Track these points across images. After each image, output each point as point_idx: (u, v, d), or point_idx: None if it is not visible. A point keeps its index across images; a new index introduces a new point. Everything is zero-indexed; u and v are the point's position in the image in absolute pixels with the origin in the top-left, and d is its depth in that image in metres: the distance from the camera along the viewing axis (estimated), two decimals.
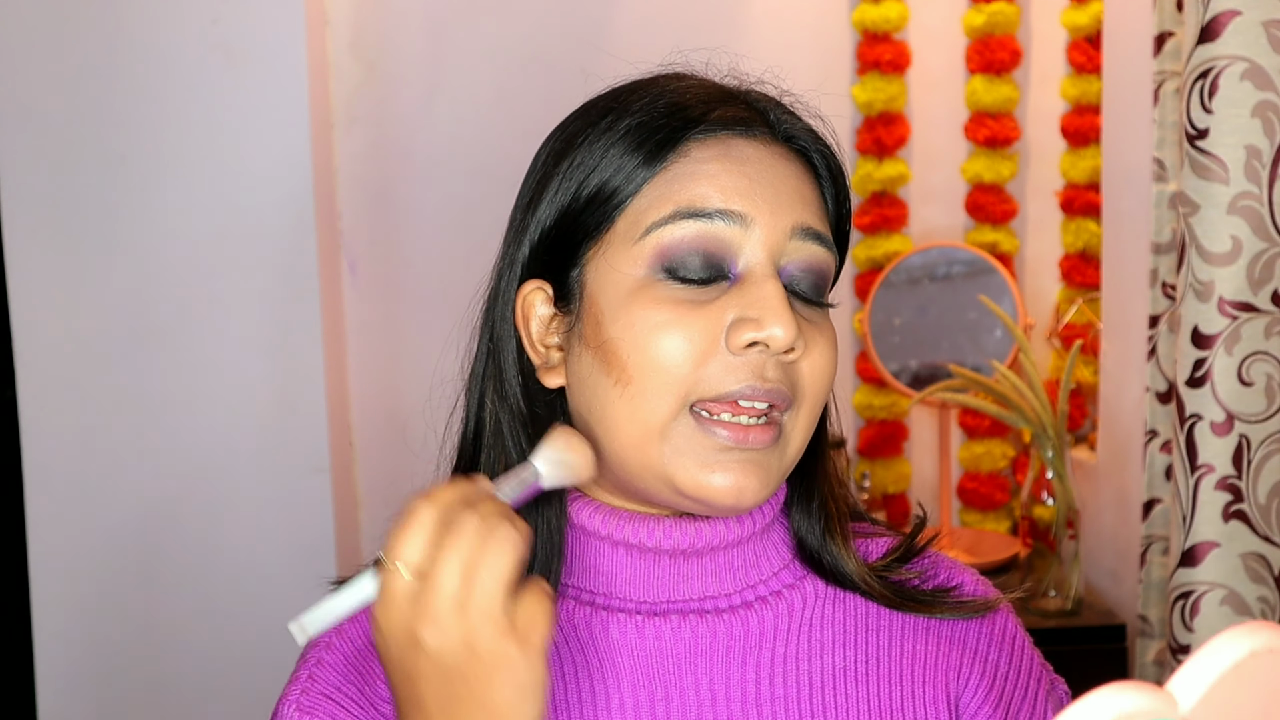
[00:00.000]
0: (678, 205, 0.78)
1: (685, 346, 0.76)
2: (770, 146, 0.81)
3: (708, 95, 0.81)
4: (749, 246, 0.78)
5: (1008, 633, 0.87)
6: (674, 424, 0.76)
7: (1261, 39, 1.35)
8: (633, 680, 0.81)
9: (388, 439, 2.22)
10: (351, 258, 2.20)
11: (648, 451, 0.77)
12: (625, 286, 0.78)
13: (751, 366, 0.76)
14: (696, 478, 0.76)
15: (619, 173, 0.79)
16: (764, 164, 0.79)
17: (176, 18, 1.94)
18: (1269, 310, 1.39)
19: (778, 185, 0.79)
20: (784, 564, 0.85)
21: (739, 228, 0.77)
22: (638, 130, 0.80)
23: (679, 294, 0.77)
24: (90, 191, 1.96)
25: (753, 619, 0.82)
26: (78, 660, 2.00)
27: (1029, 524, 2.08)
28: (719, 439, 0.76)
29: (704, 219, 0.77)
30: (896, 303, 2.24)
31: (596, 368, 0.79)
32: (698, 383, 0.76)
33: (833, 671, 0.83)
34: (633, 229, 0.79)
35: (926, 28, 2.29)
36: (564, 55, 2.20)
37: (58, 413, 1.98)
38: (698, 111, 0.80)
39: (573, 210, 0.81)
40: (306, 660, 0.83)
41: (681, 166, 0.79)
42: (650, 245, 0.78)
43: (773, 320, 0.75)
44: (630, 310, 0.77)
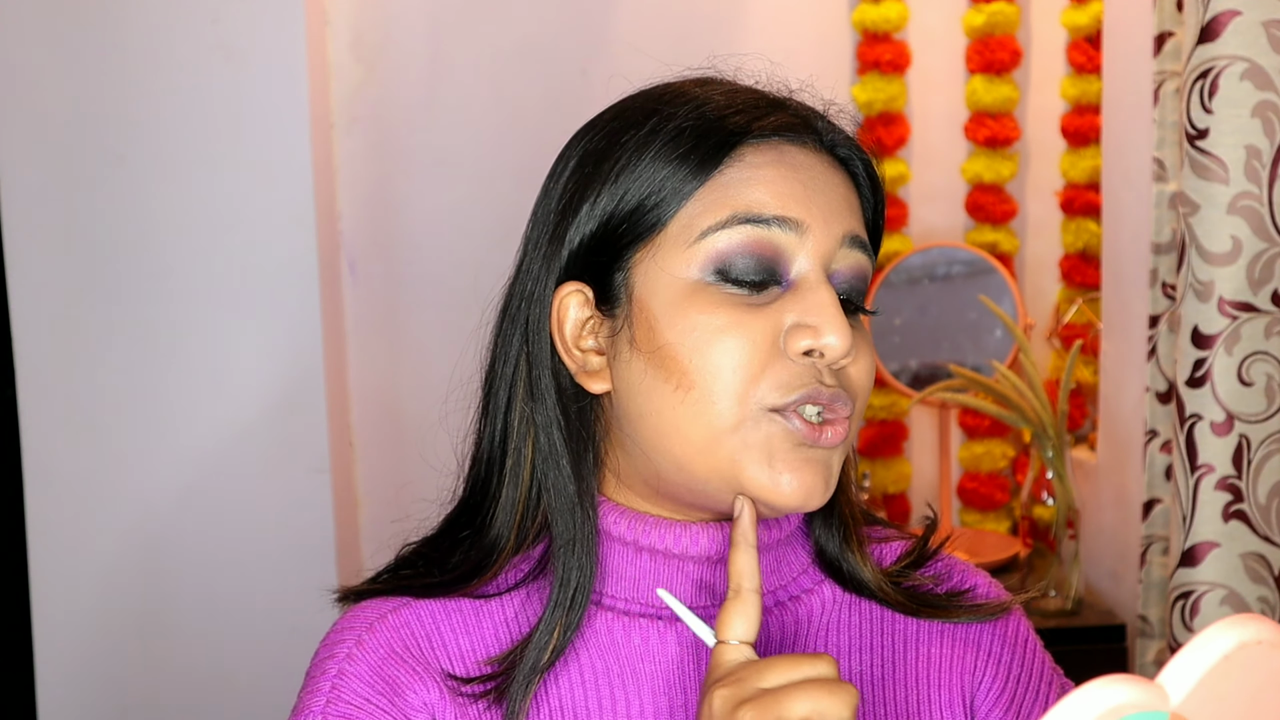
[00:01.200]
0: (734, 210, 0.77)
1: (747, 350, 0.76)
2: (819, 154, 0.81)
3: (757, 101, 0.81)
4: (803, 253, 0.78)
5: (1020, 635, 0.88)
6: (747, 424, 0.76)
7: (1261, 39, 1.35)
8: (654, 685, 0.80)
9: (388, 439, 2.22)
10: (351, 258, 2.20)
11: (717, 453, 0.76)
12: (678, 290, 0.77)
13: (812, 372, 0.76)
14: (763, 479, 0.76)
15: (672, 177, 0.78)
16: (816, 171, 0.80)
17: (176, 18, 1.94)
18: (1269, 310, 1.39)
19: (829, 193, 0.79)
20: (803, 569, 0.85)
21: (794, 234, 0.77)
22: (690, 134, 0.79)
23: (735, 298, 0.77)
24: (90, 191, 1.96)
25: (774, 623, 0.82)
26: (78, 660, 2.00)
27: (1029, 524, 2.08)
28: (794, 428, 0.76)
29: (761, 224, 0.77)
30: (896, 303, 2.24)
31: (651, 373, 0.78)
32: (760, 388, 0.76)
33: (850, 675, 0.83)
34: (686, 232, 0.78)
35: (926, 28, 2.29)
36: (564, 55, 2.20)
37: (58, 413, 1.98)
38: (751, 116, 0.79)
39: (620, 214, 0.79)
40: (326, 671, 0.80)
41: (736, 171, 0.78)
42: (705, 249, 0.77)
43: (830, 329, 0.75)
44: (687, 315, 0.77)
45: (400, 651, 0.80)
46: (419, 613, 0.82)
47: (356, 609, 0.83)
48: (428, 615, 0.82)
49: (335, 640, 0.82)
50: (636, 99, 0.83)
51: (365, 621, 0.82)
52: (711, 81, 0.84)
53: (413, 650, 0.81)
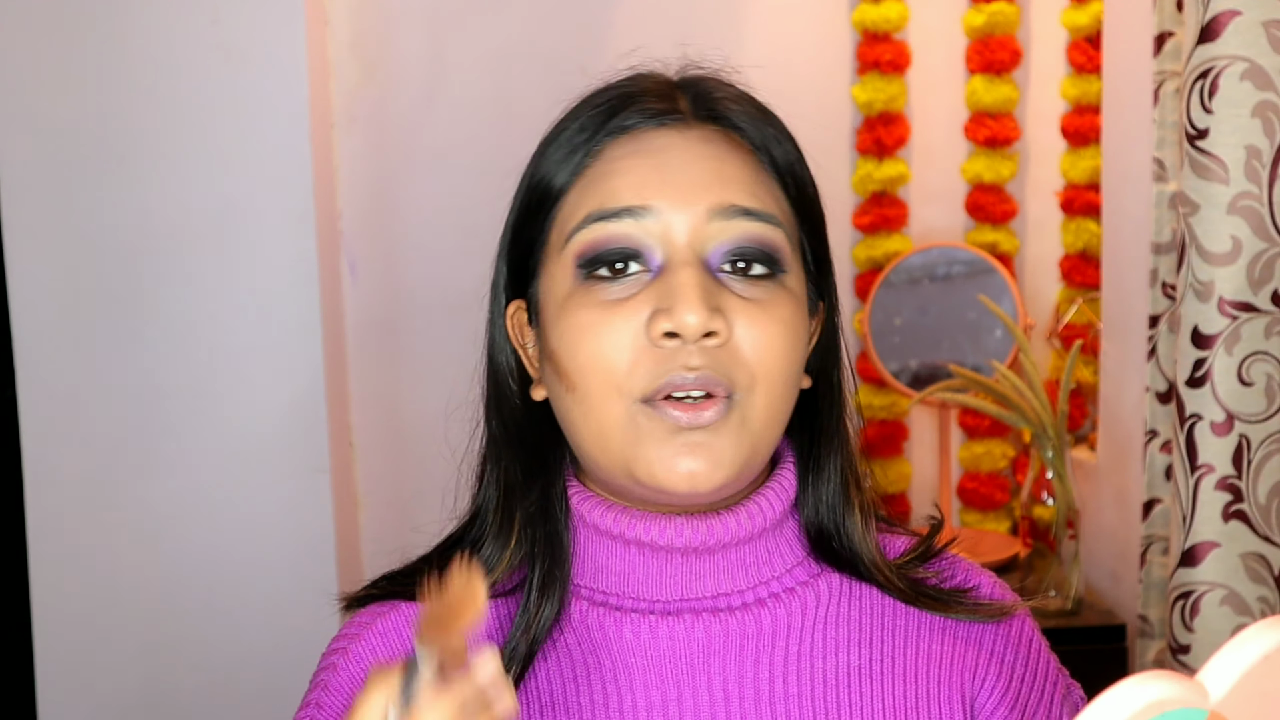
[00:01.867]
0: (589, 209, 0.79)
1: (613, 346, 0.77)
2: (688, 131, 0.81)
3: (624, 94, 0.82)
4: (665, 238, 0.78)
5: (1024, 635, 0.87)
6: (627, 418, 0.77)
7: (1261, 39, 1.35)
8: (645, 680, 0.81)
9: (388, 439, 2.22)
10: (351, 258, 2.20)
11: (609, 448, 0.79)
12: (559, 295, 0.80)
13: (676, 356, 0.76)
14: (651, 468, 0.77)
15: (544, 184, 0.82)
16: (675, 149, 0.80)
17: (176, 18, 1.94)
18: (1269, 310, 1.39)
19: (692, 170, 0.79)
20: (798, 561, 0.85)
21: (650, 220, 0.78)
22: (560, 144, 0.82)
23: (601, 295, 0.78)
24: (90, 191, 1.96)
25: (765, 616, 0.82)
26: (78, 660, 2.00)
27: (1029, 524, 2.08)
28: (671, 419, 0.77)
29: (612, 218, 0.78)
30: (896, 303, 2.24)
31: (553, 377, 0.81)
32: (635, 381, 0.77)
33: (847, 670, 0.83)
34: (559, 238, 0.81)
35: (926, 28, 2.29)
36: (564, 55, 2.20)
37: (58, 413, 1.98)
38: (606, 114, 0.81)
39: (520, 230, 0.84)
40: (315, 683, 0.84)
41: (596, 168, 0.80)
42: (571, 252, 0.79)
43: (683, 308, 0.75)
44: (563, 318, 0.79)
45: (383, 659, 0.82)
46: (408, 614, 0.84)
47: (354, 617, 0.86)
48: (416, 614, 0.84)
49: (330, 650, 0.85)
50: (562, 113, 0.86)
51: (355, 628, 0.84)
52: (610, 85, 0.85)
53: (396, 655, 0.82)
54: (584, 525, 0.83)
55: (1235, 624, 1.42)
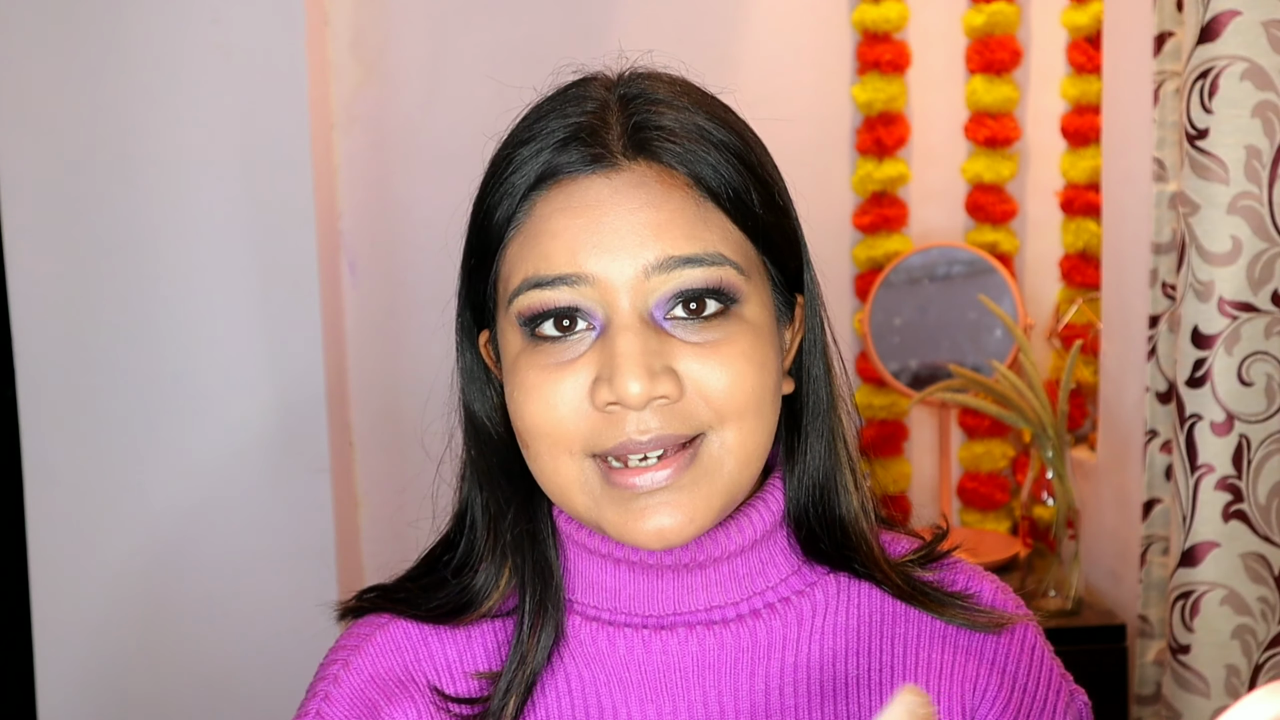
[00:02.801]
0: (525, 275, 0.77)
1: (558, 408, 0.76)
2: (619, 175, 0.77)
3: (559, 136, 0.78)
4: (604, 300, 0.75)
5: (1027, 642, 0.86)
6: (582, 477, 0.77)
7: (1261, 39, 1.35)
8: (640, 694, 0.80)
9: (388, 439, 2.22)
10: (351, 258, 2.20)
11: (573, 505, 0.78)
12: (511, 352, 0.79)
13: (629, 419, 0.75)
14: (618, 528, 0.76)
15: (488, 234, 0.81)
16: (607, 205, 0.76)
17: (176, 18, 1.94)
18: (1269, 310, 1.39)
19: (621, 226, 0.75)
20: (793, 570, 0.84)
21: (587, 286, 0.75)
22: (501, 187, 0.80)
23: (547, 357, 0.77)
24: (90, 191, 1.96)
25: (760, 628, 0.81)
26: (78, 660, 2.00)
27: (1029, 524, 2.08)
28: (630, 489, 0.75)
29: (549, 287, 0.76)
30: (896, 303, 2.24)
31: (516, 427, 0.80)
32: (585, 439, 0.76)
33: (845, 680, 0.82)
34: (504, 295, 0.80)
35: (926, 28, 2.29)
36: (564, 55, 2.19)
37: (58, 413, 1.98)
38: (539, 163, 0.78)
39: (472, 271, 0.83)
40: (314, 694, 0.83)
41: (529, 225, 0.78)
42: (513, 314, 0.78)
43: (622, 378, 0.73)
44: (514, 376, 0.78)
45: (384, 673, 0.82)
46: (406, 629, 0.84)
47: (351, 628, 0.85)
48: (415, 630, 0.83)
49: (328, 662, 0.84)
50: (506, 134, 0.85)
51: (354, 641, 0.84)
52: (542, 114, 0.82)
53: (397, 669, 0.82)
54: (572, 544, 0.83)
55: (1235, 624, 1.42)
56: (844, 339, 2.33)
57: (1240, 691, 1.44)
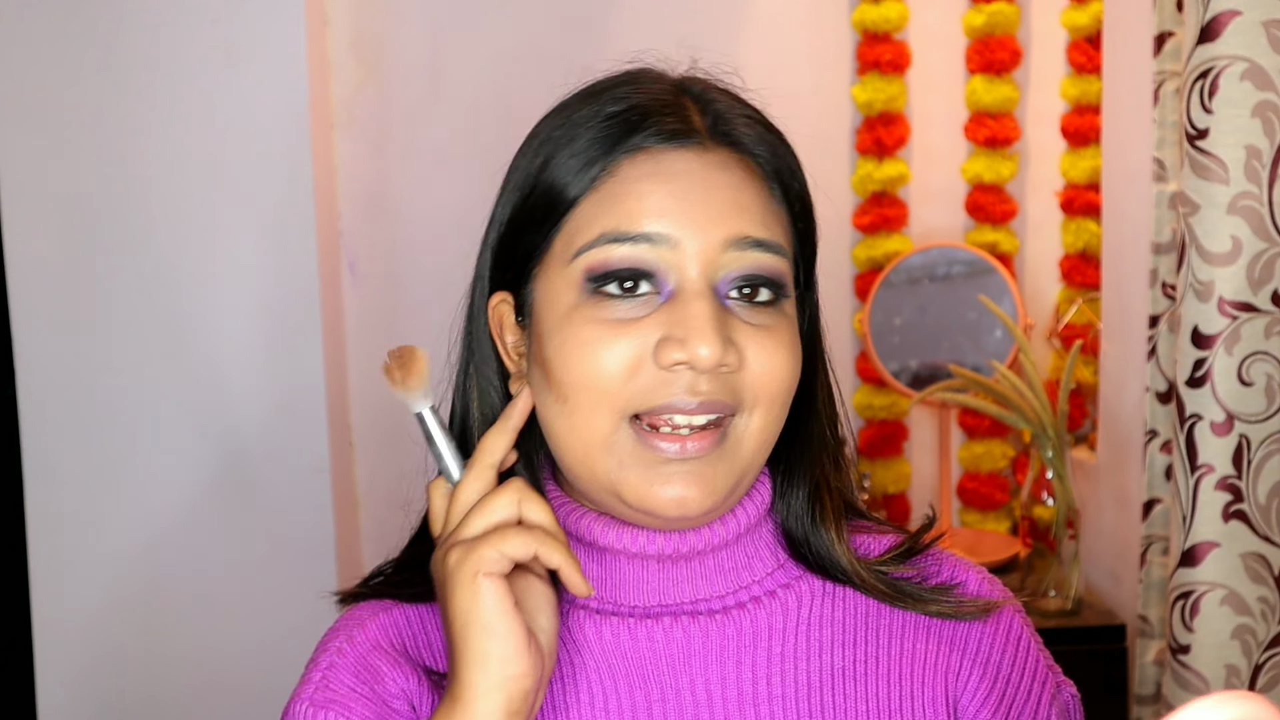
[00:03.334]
0: (603, 229, 0.78)
1: (614, 365, 0.77)
2: (706, 155, 0.80)
3: (643, 108, 0.80)
4: (678, 265, 0.78)
5: (1012, 633, 0.87)
6: (615, 437, 0.78)
7: (1261, 39, 1.35)
8: (628, 683, 0.81)
9: (388, 439, 2.22)
10: (351, 258, 2.20)
11: (593, 466, 0.79)
12: (561, 307, 0.79)
13: (682, 381, 0.77)
14: (639, 491, 0.78)
15: (553, 191, 0.80)
16: (695, 177, 0.79)
17: (176, 18, 1.94)
18: (1269, 310, 1.39)
19: (709, 198, 0.79)
20: (778, 564, 0.85)
21: (665, 248, 0.78)
22: (574, 146, 0.80)
23: (609, 313, 0.78)
24: (90, 191, 1.96)
25: (746, 619, 0.82)
26: (78, 660, 2.00)
27: (1029, 524, 2.08)
28: (660, 452, 0.77)
29: (629, 242, 0.78)
30: (896, 303, 2.24)
31: (542, 384, 0.81)
32: (631, 397, 0.77)
33: (831, 671, 0.83)
34: (566, 250, 0.80)
35: (926, 28, 2.29)
36: (564, 55, 2.20)
37: (58, 413, 1.98)
38: (628, 127, 0.80)
39: (519, 222, 0.82)
40: (319, 663, 0.83)
41: (611, 186, 0.79)
42: (579, 268, 0.79)
43: (697, 340, 0.76)
44: (564, 329, 0.79)
45: (385, 645, 0.83)
46: (408, 614, 0.85)
47: (353, 609, 0.87)
48: (416, 617, 0.85)
49: (330, 636, 0.85)
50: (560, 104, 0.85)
51: (357, 620, 0.85)
52: (622, 81, 0.83)
53: (395, 644, 0.83)
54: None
55: (1235, 624, 1.42)
56: (844, 339, 2.33)
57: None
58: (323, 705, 0.80)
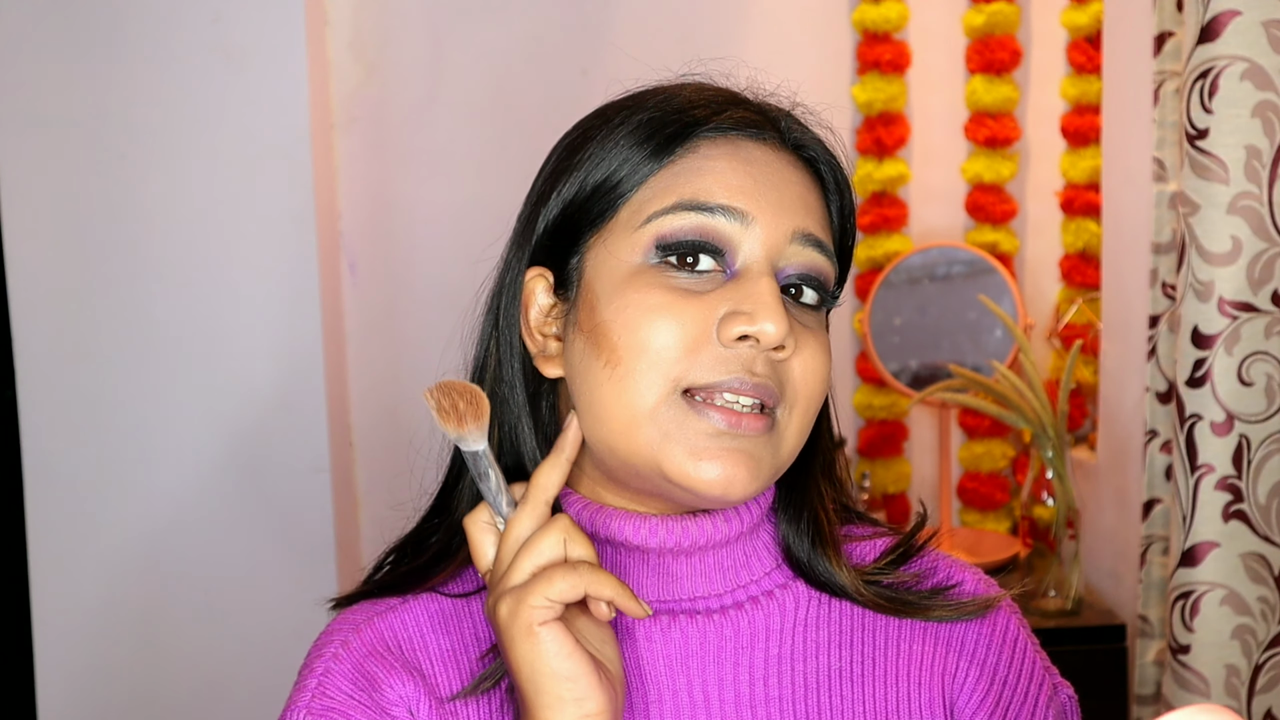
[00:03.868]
0: (680, 197, 0.79)
1: (676, 332, 0.77)
2: (779, 152, 0.82)
3: (721, 98, 0.82)
4: (748, 244, 0.79)
5: (1009, 634, 0.87)
6: (664, 408, 0.77)
7: (1261, 39, 1.35)
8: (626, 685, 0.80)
9: (388, 439, 2.22)
10: (351, 258, 2.20)
11: (636, 436, 0.77)
12: (622, 271, 0.79)
13: (741, 359, 0.77)
14: (685, 466, 0.76)
15: (626, 163, 0.80)
16: (770, 167, 0.81)
17: (176, 18, 1.94)
18: (1269, 310, 1.39)
19: (782, 189, 0.80)
20: (775, 565, 0.85)
21: (739, 224, 0.78)
22: (648, 125, 0.81)
23: (675, 282, 0.78)
24: (90, 191, 1.96)
25: (744, 619, 0.82)
26: (78, 660, 2.00)
27: (1029, 524, 2.08)
28: (712, 422, 0.76)
29: (705, 212, 0.78)
30: (896, 303, 2.24)
31: (588, 351, 0.79)
32: (687, 370, 0.77)
33: (827, 672, 0.83)
34: (634, 217, 0.79)
35: (926, 28, 2.29)
36: (564, 55, 2.20)
37: (58, 413, 1.98)
38: (709, 110, 0.81)
39: (579, 199, 0.81)
40: (314, 669, 0.82)
41: (689, 162, 0.80)
42: (650, 233, 0.79)
43: (765, 315, 0.76)
44: (625, 293, 0.78)
45: (381, 650, 0.82)
46: (403, 617, 0.84)
47: (346, 613, 0.86)
48: (411, 619, 0.84)
49: (324, 642, 0.84)
50: (621, 98, 0.85)
51: (352, 624, 0.84)
52: (691, 84, 0.85)
53: (392, 649, 0.82)
54: None
55: (1235, 624, 1.42)
56: (844, 339, 2.33)
57: (1240, 691, 1.44)
58: (320, 714, 0.80)
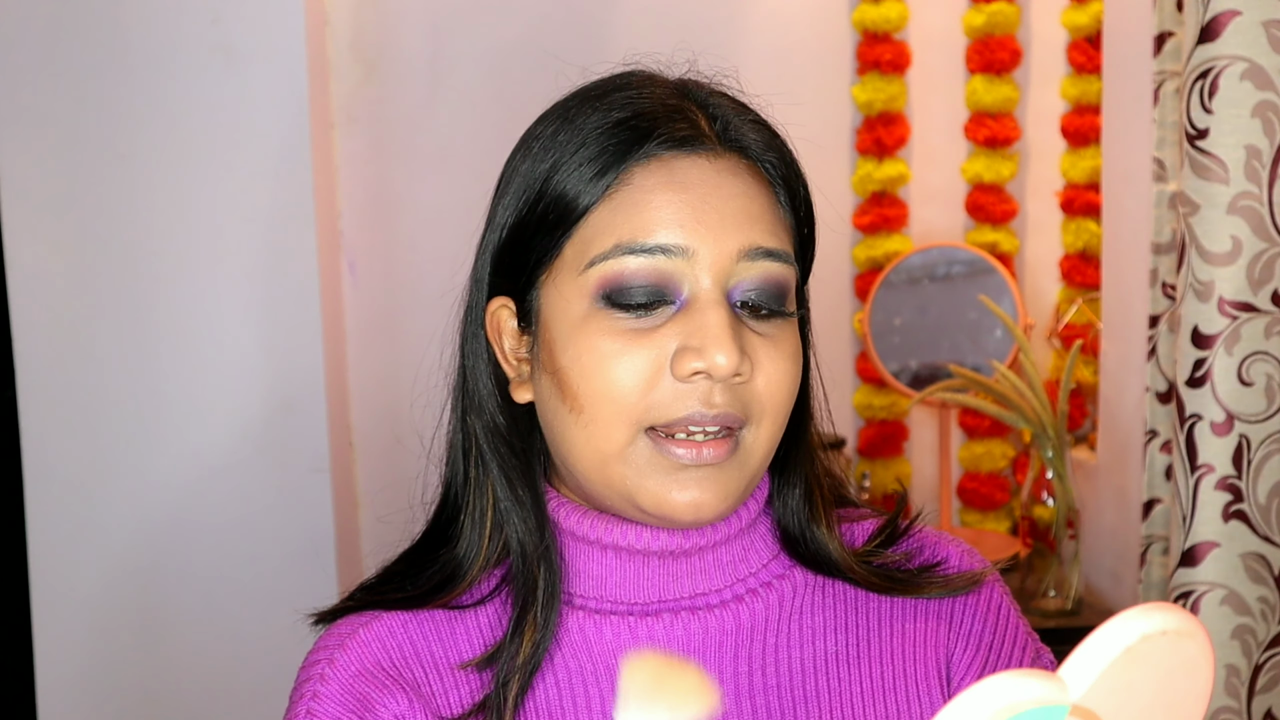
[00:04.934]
0: (619, 239, 0.78)
1: (632, 376, 0.77)
2: (716, 161, 0.80)
3: (651, 113, 0.80)
4: (693, 275, 0.78)
5: (993, 603, 0.88)
6: (630, 448, 0.78)
7: (1261, 39, 1.35)
8: None
9: (388, 439, 2.22)
10: (351, 258, 2.20)
11: (608, 474, 0.79)
12: (573, 316, 0.79)
13: (699, 393, 0.77)
14: (657, 495, 0.78)
15: (564, 199, 0.79)
16: (708, 186, 0.79)
17: (176, 18, 1.94)
18: (1269, 310, 1.39)
19: (723, 208, 0.78)
20: (772, 556, 0.86)
21: (681, 259, 0.77)
22: (583, 153, 0.79)
23: (623, 324, 0.78)
24: (90, 191, 1.96)
25: (744, 612, 0.83)
26: (78, 660, 2.00)
27: (1029, 524, 2.08)
28: (676, 458, 0.77)
29: (645, 254, 0.77)
30: (896, 303, 2.24)
31: (554, 392, 0.80)
32: (648, 410, 0.77)
33: (824, 657, 0.84)
34: (579, 259, 0.79)
35: (926, 28, 2.29)
36: (564, 55, 2.19)
37: (58, 413, 1.98)
38: (639, 134, 0.79)
39: (526, 228, 0.81)
40: (302, 695, 0.82)
41: (624, 195, 0.78)
42: (594, 278, 0.78)
43: (714, 349, 0.76)
44: (578, 341, 0.78)
45: (371, 667, 0.81)
46: (390, 625, 0.83)
47: (332, 627, 0.85)
48: (400, 627, 0.83)
49: (311, 661, 0.83)
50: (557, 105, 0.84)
51: (337, 639, 0.83)
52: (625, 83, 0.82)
53: (384, 664, 0.81)
54: (559, 531, 0.83)
55: (1235, 624, 1.42)
56: (844, 339, 2.33)
57: (1240, 691, 1.44)
58: None
